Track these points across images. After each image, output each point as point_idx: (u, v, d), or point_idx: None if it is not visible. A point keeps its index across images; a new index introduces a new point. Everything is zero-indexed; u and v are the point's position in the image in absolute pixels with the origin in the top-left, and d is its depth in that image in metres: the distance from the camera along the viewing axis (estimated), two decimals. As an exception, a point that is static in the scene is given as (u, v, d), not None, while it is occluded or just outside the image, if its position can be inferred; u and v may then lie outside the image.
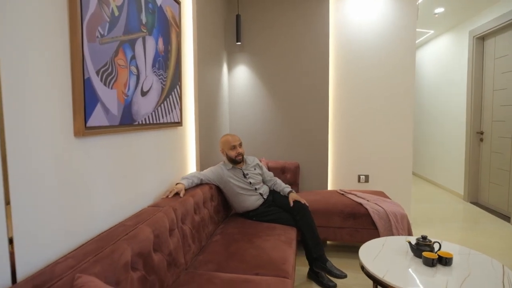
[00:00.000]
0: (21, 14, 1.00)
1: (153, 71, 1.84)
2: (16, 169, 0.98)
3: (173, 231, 1.66)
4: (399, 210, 2.69)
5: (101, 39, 1.35)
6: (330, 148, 3.59)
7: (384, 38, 3.40)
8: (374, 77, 3.45)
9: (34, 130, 1.06)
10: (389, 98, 3.45)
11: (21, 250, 1.00)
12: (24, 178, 1.02)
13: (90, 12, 1.27)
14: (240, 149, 2.45)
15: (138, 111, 1.67)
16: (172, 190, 1.93)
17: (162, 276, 1.45)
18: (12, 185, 0.97)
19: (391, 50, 3.40)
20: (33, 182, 1.05)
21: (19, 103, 1.00)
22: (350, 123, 3.53)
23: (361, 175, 3.55)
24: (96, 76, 1.32)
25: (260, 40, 3.57)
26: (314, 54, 3.48)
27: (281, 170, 3.44)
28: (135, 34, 1.63)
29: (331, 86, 3.54)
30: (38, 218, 1.07)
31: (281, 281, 1.57)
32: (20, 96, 1.01)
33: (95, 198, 1.35)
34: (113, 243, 1.22)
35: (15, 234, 0.98)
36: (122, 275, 1.17)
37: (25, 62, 1.02)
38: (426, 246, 1.88)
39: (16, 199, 0.99)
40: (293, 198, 2.44)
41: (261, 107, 3.63)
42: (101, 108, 1.36)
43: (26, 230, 1.02)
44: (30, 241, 1.04)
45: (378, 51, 3.42)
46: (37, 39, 1.07)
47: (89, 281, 0.95)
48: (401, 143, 3.47)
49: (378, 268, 1.78)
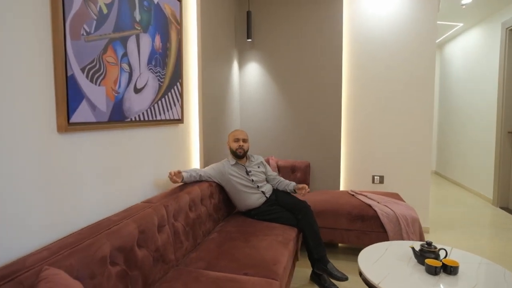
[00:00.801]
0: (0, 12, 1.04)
1: (149, 69, 1.86)
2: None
3: (163, 227, 1.67)
4: (410, 213, 2.54)
5: (87, 37, 1.37)
6: (343, 147, 3.47)
7: (402, 32, 3.23)
8: (390, 73, 3.29)
9: (15, 125, 1.10)
10: (407, 95, 3.27)
11: None
12: (2, 171, 1.05)
13: (74, 11, 1.29)
14: (243, 143, 2.43)
15: (131, 108, 1.70)
16: (176, 172, 1.96)
17: (147, 272, 1.46)
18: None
19: (409, 44, 3.22)
20: (13, 176, 1.09)
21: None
22: (365, 121, 3.39)
23: (375, 175, 3.40)
24: (81, 73, 1.35)
25: (272, 36, 3.51)
26: (327, 50, 3.37)
27: (291, 169, 3.37)
28: (127, 32, 1.64)
29: (344, 83, 3.41)
30: (17, 211, 1.11)
31: (267, 283, 1.53)
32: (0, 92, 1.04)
33: (81, 192, 1.39)
34: (93, 237, 1.24)
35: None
36: (98, 269, 1.19)
37: (4, 59, 1.05)
38: (431, 252, 1.76)
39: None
40: (298, 187, 2.40)
41: (272, 104, 3.58)
42: (87, 104, 1.38)
43: (3, 222, 1.06)
44: (7, 232, 1.07)
45: (395, 46, 3.25)
46: (18, 37, 1.10)
47: (54, 274, 0.96)
48: (419, 143, 3.28)
49: (376, 273, 1.69)
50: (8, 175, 1.08)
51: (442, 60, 6.16)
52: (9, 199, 1.08)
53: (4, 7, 1.05)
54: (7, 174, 1.07)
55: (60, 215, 1.28)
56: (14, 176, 1.10)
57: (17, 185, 1.11)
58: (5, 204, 1.07)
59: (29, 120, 1.15)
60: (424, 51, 3.19)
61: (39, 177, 1.19)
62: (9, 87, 1.08)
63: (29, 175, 1.15)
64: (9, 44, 1.07)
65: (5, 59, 1.06)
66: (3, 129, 1.06)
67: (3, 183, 1.06)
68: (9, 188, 1.08)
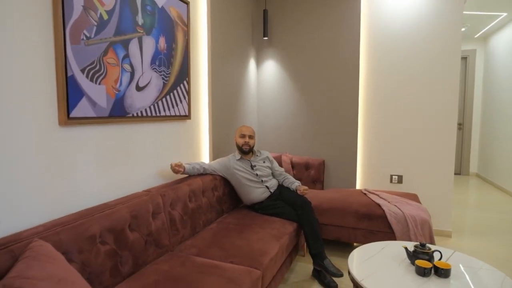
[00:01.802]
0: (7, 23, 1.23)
1: (152, 68, 2.01)
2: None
3: (159, 214, 1.81)
4: (420, 214, 2.45)
5: (87, 41, 1.54)
6: (360, 144, 3.40)
7: (423, 24, 3.07)
8: (411, 69, 3.15)
9: (22, 119, 1.29)
10: (429, 92, 3.11)
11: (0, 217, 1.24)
12: (5, 158, 1.25)
13: (73, 19, 1.47)
14: (249, 139, 2.50)
15: (133, 104, 1.86)
16: (178, 164, 2.12)
17: (138, 253, 1.60)
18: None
19: (432, 37, 3.05)
20: (19, 161, 1.28)
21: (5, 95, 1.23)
22: (383, 119, 3.29)
23: (393, 175, 3.28)
24: (81, 73, 1.52)
25: (289, 34, 3.53)
26: (344, 47, 3.32)
27: (304, 166, 3.39)
28: (129, 35, 1.80)
29: (362, 78, 3.33)
30: (21, 193, 1.30)
31: (248, 271, 1.60)
32: (8, 90, 1.23)
33: (81, 179, 1.57)
34: (84, 218, 1.41)
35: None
36: (86, 246, 1.35)
37: (14, 63, 1.25)
38: (424, 254, 1.71)
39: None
40: (303, 190, 2.43)
41: (288, 101, 3.61)
42: (87, 101, 1.56)
43: (6, 201, 1.26)
44: (9, 210, 1.27)
45: (417, 39, 3.11)
46: (27, 43, 1.29)
47: (39, 245, 1.13)
48: (442, 143, 3.11)
49: (362, 271, 1.68)
50: (15, 161, 1.27)
51: (486, 53, 5.68)
52: (15, 182, 1.28)
53: (14, 18, 1.24)
54: (14, 160, 1.27)
55: (60, 198, 1.47)
56: (20, 162, 1.29)
57: (22, 170, 1.30)
58: (11, 186, 1.27)
59: (34, 114, 1.34)
60: (449, 45, 3.01)
61: (42, 163, 1.38)
62: (17, 86, 1.27)
63: (32, 162, 1.34)
64: (19, 50, 1.26)
65: (15, 63, 1.25)
66: (12, 122, 1.26)
67: (10, 168, 1.26)
68: (15, 172, 1.28)
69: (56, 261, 1.10)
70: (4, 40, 1.23)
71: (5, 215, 1.26)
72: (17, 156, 1.29)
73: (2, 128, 1.23)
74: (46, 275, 1.02)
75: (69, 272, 1.11)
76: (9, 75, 1.25)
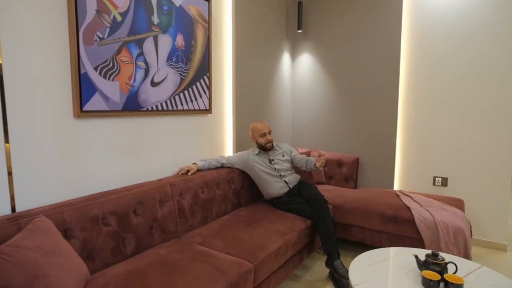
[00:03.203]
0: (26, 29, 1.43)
1: (169, 65, 2.13)
2: (17, 139, 1.43)
3: (166, 202, 1.92)
4: (455, 221, 2.18)
5: (100, 42, 1.71)
6: (399, 142, 3.13)
7: (475, 12, 2.68)
8: (460, 60, 2.79)
9: (44, 111, 1.50)
10: (483, 85, 2.72)
11: (19, 196, 1.46)
12: (26, 146, 1.46)
13: (86, 22, 1.63)
14: (270, 136, 2.49)
15: (147, 99, 2.00)
16: (182, 169, 2.21)
17: (141, 236, 1.74)
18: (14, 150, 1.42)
19: (485, 26, 2.65)
20: (40, 148, 1.50)
21: (27, 91, 1.44)
22: (427, 114, 2.97)
23: (437, 177, 2.96)
24: (94, 71, 1.69)
25: (325, 27, 3.40)
26: (383, 39, 3.08)
27: (337, 163, 3.25)
28: (144, 34, 1.94)
29: (403, 71, 3.05)
30: (40, 175, 1.52)
31: (240, 263, 1.62)
32: (30, 87, 1.45)
33: (93, 166, 1.75)
34: (90, 201, 1.57)
35: (16, 183, 1.44)
36: (88, 225, 1.51)
37: (32, 62, 1.45)
38: (435, 265, 1.53)
39: (17, 161, 1.44)
40: (316, 158, 2.37)
41: (323, 95, 3.48)
42: (100, 96, 1.73)
43: (28, 182, 1.47)
44: (29, 189, 1.49)
45: (469, 28, 2.73)
46: (44, 48, 1.49)
47: (40, 221, 1.31)
48: (497, 142, 2.70)
49: (362, 276, 1.58)
50: (36, 148, 1.48)
51: None
52: (36, 166, 1.49)
53: (35, 23, 1.44)
54: (35, 147, 1.48)
55: (72, 183, 1.66)
56: (40, 149, 1.50)
57: (42, 155, 1.51)
58: (33, 169, 1.48)
59: (53, 107, 1.54)
60: (507, 31, 2.58)
61: (58, 151, 1.58)
62: (38, 82, 1.47)
63: (50, 149, 1.55)
64: (40, 51, 1.47)
65: (35, 63, 1.46)
66: (34, 114, 1.47)
67: (32, 154, 1.47)
68: (36, 157, 1.49)
69: (49, 235, 1.27)
70: (26, 43, 1.43)
71: (26, 194, 1.48)
72: (38, 143, 1.50)
73: (25, 119, 1.44)
74: (35, 246, 1.18)
75: (59, 245, 1.27)
76: (30, 73, 1.46)
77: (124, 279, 1.40)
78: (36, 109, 1.50)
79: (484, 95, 2.72)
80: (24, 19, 1.43)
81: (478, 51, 2.71)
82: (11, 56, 1.40)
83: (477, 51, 2.71)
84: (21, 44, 1.42)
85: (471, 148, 2.80)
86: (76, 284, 1.26)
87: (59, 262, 1.21)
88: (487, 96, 2.71)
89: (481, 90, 2.73)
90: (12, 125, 1.42)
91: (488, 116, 2.71)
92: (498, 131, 2.68)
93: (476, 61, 2.72)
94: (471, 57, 2.74)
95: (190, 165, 2.27)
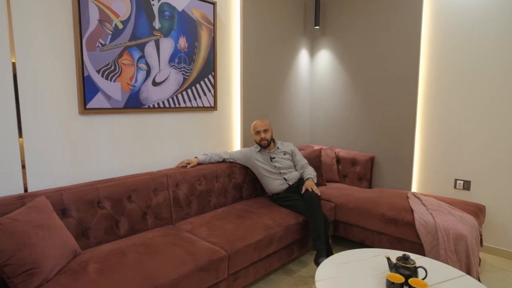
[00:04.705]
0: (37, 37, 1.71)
1: (171, 66, 2.31)
2: (30, 133, 1.72)
3: (161, 191, 2.11)
4: (458, 227, 2.03)
5: (102, 48, 1.94)
6: (418, 141, 2.94)
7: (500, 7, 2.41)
8: (487, 56, 2.53)
9: (52, 107, 1.78)
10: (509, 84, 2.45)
11: (31, 179, 1.75)
12: (38, 138, 1.75)
13: (89, 31, 1.88)
14: (264, 134, 2.54)
15: (148, 97, 2.20)
16: (182, 162, 2.38)
17: (134, 221, 1.95)
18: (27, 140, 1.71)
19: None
20: (45, 140, 1.78)
21: (37, 91, 1.72)
22: (448, 112, 2.76)
23: (458, 179, 2.74)
24: (97, 73, 1.93)
25: (344, 23, 3.32)
26: (401, 34, 2.92)
27: (351, 162, 3.17)
28: (145, 39, 2.14)
29: (422, 68, 2.86)
30: (49, 163, 1.80)
31: (214, 251, 1.73)
32: (42, 87, 1.73)
33: (95, 157, 2.00)
34: (87, 187, 1.82)
35: (28, 170, 1.73)
36: (84, 207, 1.75)
37: (44, 66, 1.73)
38: (405, 268, 1.49)
39: (30, 152, 1.73)
40: (306, 186, 2.35)
41: (341, 92, 3.41)
42: (102, 95, 1.97)
43: (38, 168, 1.77)
44: (38, 175, 1.78)
45: (494, 21, 2.47)
46: (53, 53, 1.76)
47: (39, 200, 1.57)
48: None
49: (328, 273, 1.60)
50: (46, 139, 1.77)
51: None
52: (46, 155, 1.78)
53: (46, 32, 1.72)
54: (45, 139, 1.77)
55: (76, 171, 1.93)
56: (50, 140, 1.79)
57: (51, 146, 1.80)
58: (43, 158, 1.77)
59: (61, 105, 1.82)
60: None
61: (65, 143, 1.86)
62: (50, 83, 1.75)
63: (58, 141, 1.83)
64: (51, 57, 1.74)
65: (47, 66, 1.73)
66: (45, 110, 1.75)
67: (43, 144, 1.76)
68: (46, 148, 1.77)
69: (43, 213, 1.52)
70: (37, 48, 1.71)
71: (36, 178, 1.77)
72: (47, 136, 1.78)
73: (38, 116, 1.73)
74: (28, 220, 1.43)
75: (50, 221, 1.51)
76: (40, 75, 1.74)
77: (106, 255, 1.61)
78: (46, 107, 1.77)
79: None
80: (35, 27, 1.70)
81: (509, 46, 2.43)
82: (23, 60, 1.68)
83: (508, 46, 2.44)
84: (32, 49, 1.70)
85: (498, 149, 2.54)
86: (61, 255, 1.49)
87: (46, 235, 1.45)
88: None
89: (510, 86, 2.45)
90: (25, 122, 1.71)
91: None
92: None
93: (506, 57, 2.45)
94: (500, 52, 2.47)
95: (191, 159, 2.44)
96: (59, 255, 1.48)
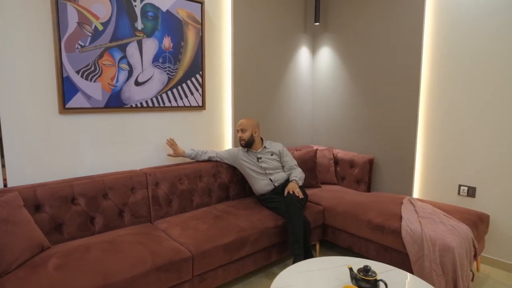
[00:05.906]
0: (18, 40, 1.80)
1: (155, 65, 2.33)
2: (10, 130, 1.81)
3: (139, 190, 2.14)
4: (445, 238, 1.87)
5: (81, 49, 2.00)
6: (420, 144, 2.75)
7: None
8: (494, 56, 2.30)
9: (32, 107, 1.87)
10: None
11: (10, 176, 1.84)
12: (17, 136, 1.84)
13: (68, 33, 1.94)
14: (241, 133, 2.48)
15: (131, 97, 2.24)
16: (171, 140, 2.40)
17: (109, 218, 1.99)
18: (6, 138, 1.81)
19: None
20: (25, 138, 1.87)
21: (15, 90, 1.81)
22: (452, 114, 2.55)
23: (462, 185, 2.52)
24: (76, 74, 1.99)
25: (345, 20, 3.18)
26: (404, 32, 2.74)
27: (349, 163, 3.04)
28: (126, 40, 2.18)
29: (425, 68, 2.67)
30: (29, 161, 1.89)
31: (178, 251, 1.73)
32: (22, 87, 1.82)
33: (75, 155, 2.07)
34: (62, 183, 1.88)
35: (7, 167, 1.83)
36: (57, 203, 1.82)
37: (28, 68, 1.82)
38: (364, 281, 1.39)
39: (10, 148, 1.82)
40: (288, 188, 2.28)
41: (343, 91, 3.27)
42: (82, 95, 2.03)
43: (18, 165, 1.86)
44: (19, 172, 1.87)
45: (500, 18, 2.24)
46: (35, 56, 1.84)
47: (10, 195, 1.64)
48: (540, 146, 2.17)
49: (285, 281, 1.54)
50: (27, 137, 1.86)
51: None
52: (25, 152, 1.87)
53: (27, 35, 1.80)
54: (26, 137, 1.86)
55: (56, 168, 2.00)
56: (30, 138, 1.87)
57: (31, 144, 1.89)
58: (23, 155, 1.86)
59: (41, 104, 1.90)
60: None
61: (45, 141, 1.94)
62: (30, 83, 1.84)
63: (38, 139, 1.91)
64: (31, 58, 1.83)
65: (27, 67, 1.82)
66: (25, 109, 1.84)
67: (23, 142, 1.85)
68: (26, 145, 1.86)
69: (10, 208, 1.59)
70: (16, 50, 1.80)
71: (16, 175, 1.86)
72: (28, 134, 1.87)
73: (17, 114, 1.82)
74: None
75: (16, 216, 1.58)
76: (20, 75, 1.82)
77: (71, 250, 1.66)
78: (25, 106, 1.86)
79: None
80: (15, 28, 1.79)
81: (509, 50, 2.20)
82: (0, 59, 1.77)
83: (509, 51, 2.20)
84: (9, 49, 1.79)
85: (508, 153, 2.30)
86: (25, 250, 1.55)
87: (10, 229, 1.52)
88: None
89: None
90: (4, 120, 1.80)
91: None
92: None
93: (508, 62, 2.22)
94: (507, 51, 2.24)
95: (178, 146, 2.44)
96: (22, 249, 1.55)
